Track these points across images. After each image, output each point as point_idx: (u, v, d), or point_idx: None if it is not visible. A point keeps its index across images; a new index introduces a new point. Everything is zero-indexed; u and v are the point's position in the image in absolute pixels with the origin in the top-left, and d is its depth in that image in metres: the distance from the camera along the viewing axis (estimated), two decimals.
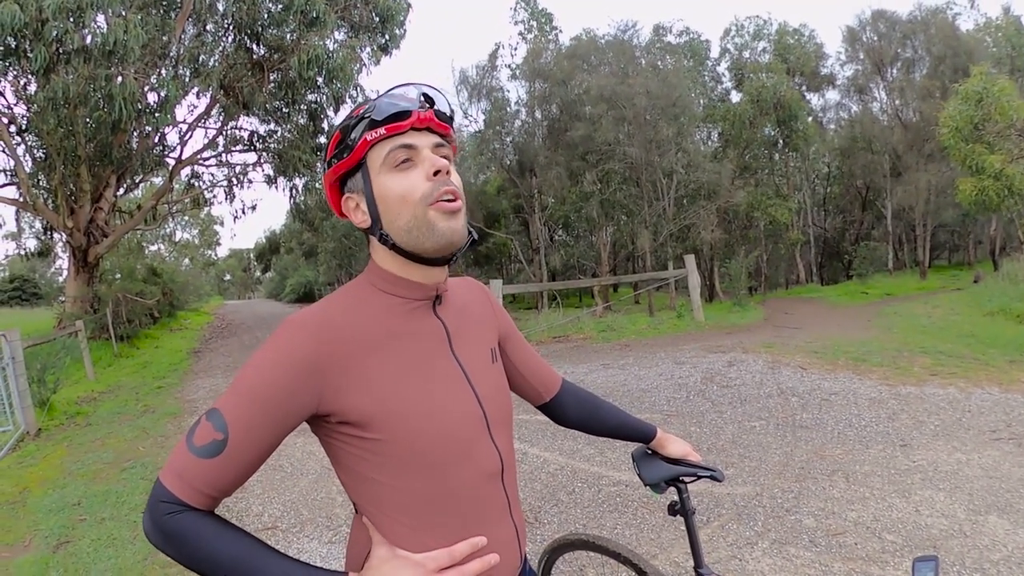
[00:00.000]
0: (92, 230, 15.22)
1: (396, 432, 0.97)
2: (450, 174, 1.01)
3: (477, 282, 1.30)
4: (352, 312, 1.01)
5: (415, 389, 1.00)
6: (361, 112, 1.01)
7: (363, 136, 1.00)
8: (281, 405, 0.93)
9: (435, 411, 1.01)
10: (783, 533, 3.43)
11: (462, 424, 1.04)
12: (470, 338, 1.13)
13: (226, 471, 0.93)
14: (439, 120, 1.03)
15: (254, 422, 0.92)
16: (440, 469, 1.00)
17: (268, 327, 19.54)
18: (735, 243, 25.78)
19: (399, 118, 0.99)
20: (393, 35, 16.89)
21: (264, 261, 56.30)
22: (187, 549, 0.91)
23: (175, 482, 0.92)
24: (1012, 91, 14.75)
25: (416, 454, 0.98)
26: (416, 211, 0.98)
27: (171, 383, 10.33)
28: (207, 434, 0.92)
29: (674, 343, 10.65)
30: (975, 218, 26.19)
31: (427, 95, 1.03)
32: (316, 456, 5.64)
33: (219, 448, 0.91)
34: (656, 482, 1.51)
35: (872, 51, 27.16)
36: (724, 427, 5.51)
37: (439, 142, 1.03)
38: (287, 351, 0.94)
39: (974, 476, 4.01)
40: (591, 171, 20.58)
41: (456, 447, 1.02)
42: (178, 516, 0.91)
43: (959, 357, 7.59)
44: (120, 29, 10.52)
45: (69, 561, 3.77)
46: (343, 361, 0.96)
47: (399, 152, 0.99)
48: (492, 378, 1.14)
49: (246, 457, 0.93)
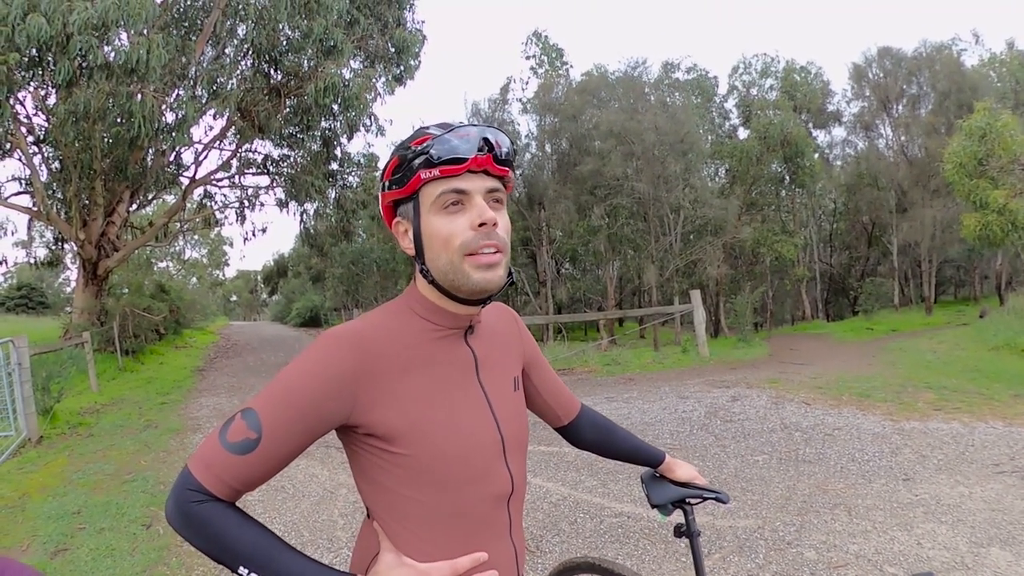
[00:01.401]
0: (103, 243, 15.35)
1: (419, 449, 1.02)
2: (496, 226, 1.02)
3: (508, 308, 1.33)
4: (388, 332, 1.05)
5: (440, 411, 1.04)
6: (421, 146, 1.01)
7: (417, 172, 1.01)
8: (313, 413, 0.97)
9: (457, 434, 1.05)
10: (784, 566, 3.42)
11: (480, 448, 1.08)
12: (496, 366, 1.17)
13: (254, 468, 0.97)
14: (497, 164, 1.03)
15: (286, 426, 0.96)
16: (454, 488, 1.05)
17: (273, 349, 19.57)
18: (741, 279, 25.82)
19: (455, 163, 1.00)
20: (408, 66, 17.12)
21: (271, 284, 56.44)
22: (207, 536, 0.94)
23: (204, 472, 0.96)
24: (1015, 126, 14.82)
25: (434, 472, 1.03)
26: (454, 258, 1.01)
27: (175, 400, 10.33)
28: (240, 432, 0.96)
29: (678, 378, 10.62)
30: (981, 253, 26.19)
31: (488, 139, 1.02)
32: (319, 479, 5.63)
33: (251, 446, 0.95)
34: (663, 503, 1.56)
35: (878, 88, 27.43)
36: (727, 461, 5.50)
37: (493, 186, 1.04)
38: (323, 363, 0.98)
39: (977, 509, 3.99)
40: (599, 205, 20.71)
41: (472, 469, 1.06)
42: (203, 505, 0.95)
43: (963, 392, 7.57)
44: (143, 48, 10.72)
45: (67, 568, 3.77)
46: (375, 377, 1.00)
47: (450, 195, 1.01)
48: (512, 405, 1.18)
49: (275, 457, 0.98)
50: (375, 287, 34.93)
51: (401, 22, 16.92)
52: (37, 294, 40.45)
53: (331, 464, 6.10)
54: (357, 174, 18.72)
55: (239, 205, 18.89)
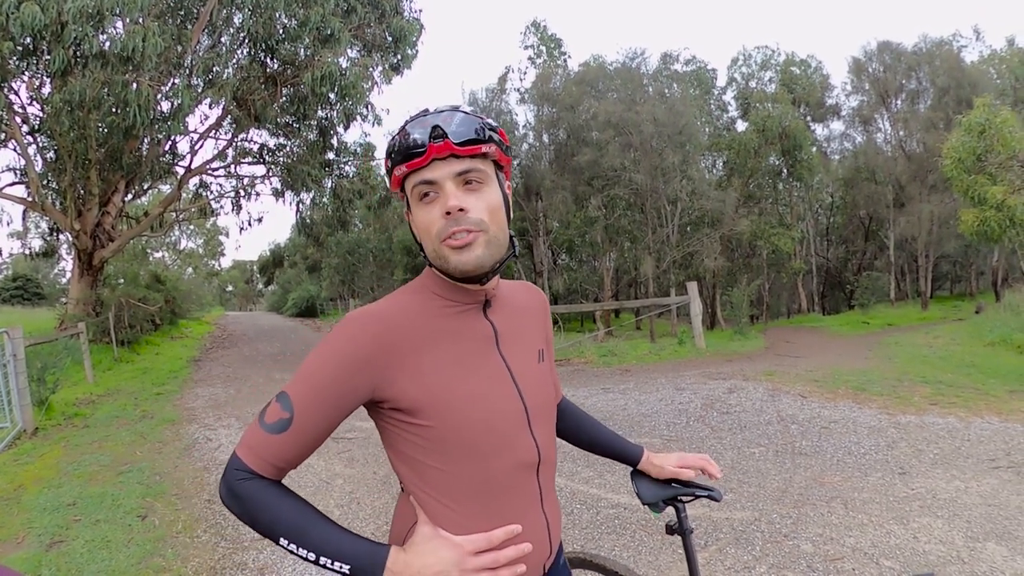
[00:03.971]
0: (98, 233, 15.28)
1: (443, 420, 1.06)
2: (465, 210, 1.03)
3: (538, 290, 1.38)
4: (408, 311, 1.10)
5: (462, 382, 1.08)
6: (392, 143, 1.08)
7: (394, 170, 1.08)
8: (339, 389, 1.03)
9: (479, 404, 1.09)
10: (781, 558, 3.42)
11: (504, 417, 1.12)
12: (518, 338, 1.21)
13: (291, 446, 1.04)
14: (459, 147, 1.03)
15: (316, 405, 1.03)
16: (481, 457, 1.09)
17: (269, 339, 19.55)
18: (737, 271, 25.84)
19: (415, 156, 1.04)
20: (405, 55, 17.03)
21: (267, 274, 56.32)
22: (251, 509, 1.03)
23: (247, 454, 1.05)
24: (1015, 123, 14.81)
25: (460, 442, 1.07)
26: (434, 244, 1.06)
27: (170, 390, 10.31)
28: (276, 413, 1.04)
29: (675, 369, 10.63)
30: (977, 249, 26.25)
31: (438, 125, 1.03)
32: (314, 469, 5.63)
33: (285, 425, 1.03)
34: (654, 502, 1.51)
35: (877, 82, 27.41)
36: (724, 453, 5.50)
37: (462, 169, 1.05)
38: (346, 342, 1.04)
39: (972, 504, 4.00)
40: (596, 196, 20.68)
41: (497, 438, 1.10)
42: (247, 482, 1.04)
43: (959, 387, 7.58)
44: (138, 36, 10.64)
45: (62, 560, 3.76)
46: (397, 354, 1.05)
47: (421, 187, 1.06)
48: (537, 376, 1.22)
49: (309, 434, 1.05)
50: (371, 277, 34.87)
51: (399, 10, 16.80)
52: (33, 285, 40.27)
53: (326, 454, 6.10)
54: (353, 163, 18.60)
55: (235, 195, 18.78)
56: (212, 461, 6.01)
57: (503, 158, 1.12)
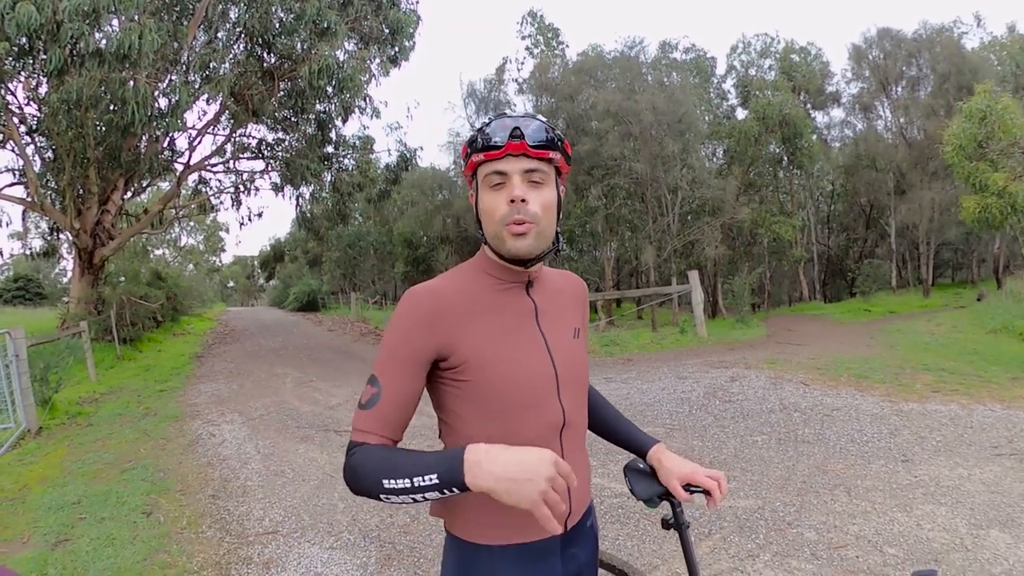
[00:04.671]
0: (98, 232, 15.26)
1: (481, 376, 1.21)
2: (526, 202, 1.20)
3: (577, 277, 1.52)
4: (458, 285, 1.27)
5: (502, 346, 1.24)
6: (475, 134, 1.25)
7: (471, 157, 1.25)
8: (412, 349, 1.19)
9: (514, 364, 1.23)
10: (785, 546, 3.43)
11: (535, 380, 1.26)
12: (556, 316, 1.35)
13: (387, 413, 1.18)
14: (532, 148, 1.20)
15: (397, 368, 1.19)
16: (510, 412, 1.23)
17: (271, 334, 19.54)
18: (739, 259, 25.84)
19: (494, 148, 1.21)
20: (403, 47, 16.96)
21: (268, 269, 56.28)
22: (359, 476, 1.13)
23: (354, 435, 1.19)
24: (1016, 109, 14.76)
25: (494, 396, 1.22)
26: (496, 227, 1.22)
27: (173, 387, 10.32)
28: (368, 392, 1.20)
29: (677, 358, 10.64)
30: (979, 236, 26.20)
31: (518, 127, 1.20)
32: (318, 463, 5.65)
33: (376, 397, 1.18)
34: (649, 497, 1.47)
35: (877, 69, 27.30)
36: (726, 441, 5.51)
37: (530, 167, 1.21)
38: (411, 308, 1.21)
39: (976, 491, 4.00)
40: (596, 186, 20.64)
41: (527, 397, 1.24)
42: (354, 455, 1.15)
43: (961, 374, 7.58)
44: (134, 33, 10.58)
45: (68, 559, 3.77)
46: (452, 318, 1.21)
47: (493, 176, 1.22)
48: (570, 349, 1.35)
49: (398, 399, 1.19)
50: (372, 270, 34.90)
51: (395, 2, 16.69)
52: (34, 285, 40.27)
53: (330, 448, 6.11)
54: (353, 156, 18.55)
55: (234, 190, 18.76)
56: (215, 457, 6.02)
57: (564, 166, 1.31)
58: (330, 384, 10.04)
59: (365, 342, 17.21)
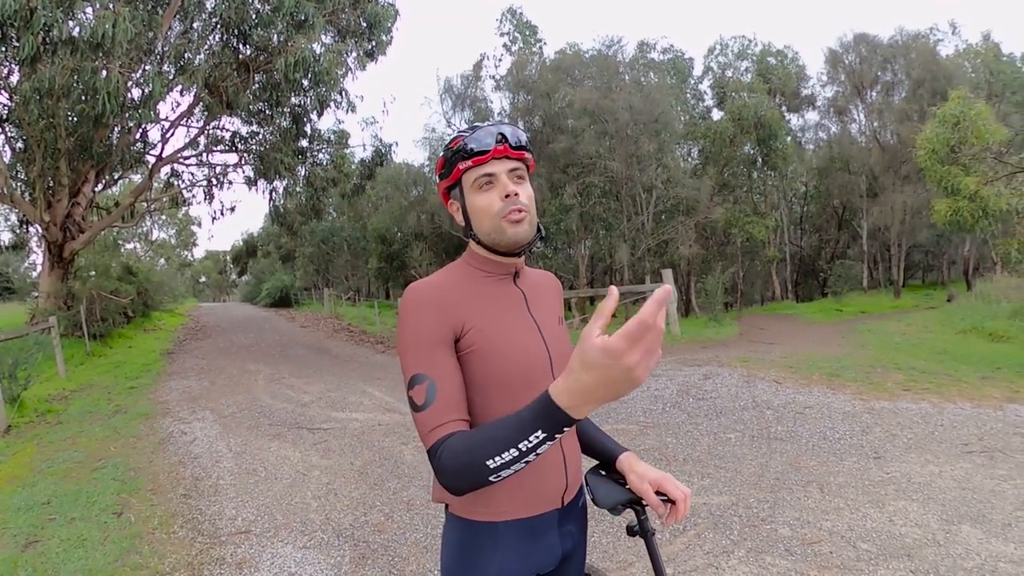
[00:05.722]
0: (69, 225, 14.93)
1: (487, 357, 1.29)
2: (519, 195, 1.33)
3: (553, 275, 1.61)
4: (454, 279, 1.36)
5: (503, 330, 1.33)
6: (457, 145, 1.35)
7: (457, 165, 1.35)
8: (438, 336, 1.26)
9: (515, 346, 1.33)
10: (759, 542, 3.46)
11: (533, 359, 1.35)
12: (542, 305, 1.46)
13: (450, 397, 1.22)
14: (513, 150, 1.34)
15: (435, 356, 1.24)
16: (511, 393, 1.29)
17: (243, 330, 19.30)
18: (712, 259, 26.04)
19: (482, 154, 1.32)
20: (380, 41, 16.79)
21: (240, 264, 55.67)
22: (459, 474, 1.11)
23: (429, 437, 1.18)
24: (989, 115, 15.06)
25: (497, 378, 1.29)
26: (494, 221, 1.33)
27: (144, 384, 10.15)
28: (420, 392, 1.21)
29: None
30: (949, 239, 26.71)
31: (503, 133, 1.33)
32: (290, 461, 5.59)
33: (433, 391, 1.21)
34: (612, 506, 1.45)
35: (853, 74, 27.71)
36: (700, 438, 5.55)
37: (513, 167, 1.35)
38: (420, 301, 1.28)
39: (947, 488, 4.08)
40: (572, 184, 20.67)
41: (526, 376, 1.32)
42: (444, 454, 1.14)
43: (932, 373, 7.71)
44: (108, 22, 10.36)
45: (38, 561, 3.69)
46: (455, 306, 1.30)
47: (483, 179, 1.34)
48: (558, 334, 1.46)
49: (453, 380, 1.24)
50: (346, 266, 34.57)
51: None
52: (3, 280, 39.30)
53: (303, 446, 6.06)
54: (327, 151, 18.36)
55: (207, 183, 18.42)
56: (187, 455, 5.93)
57: (533, 164, 1.44)
58: (303, 381, 9.95)
59: (338, 338, 17.06)
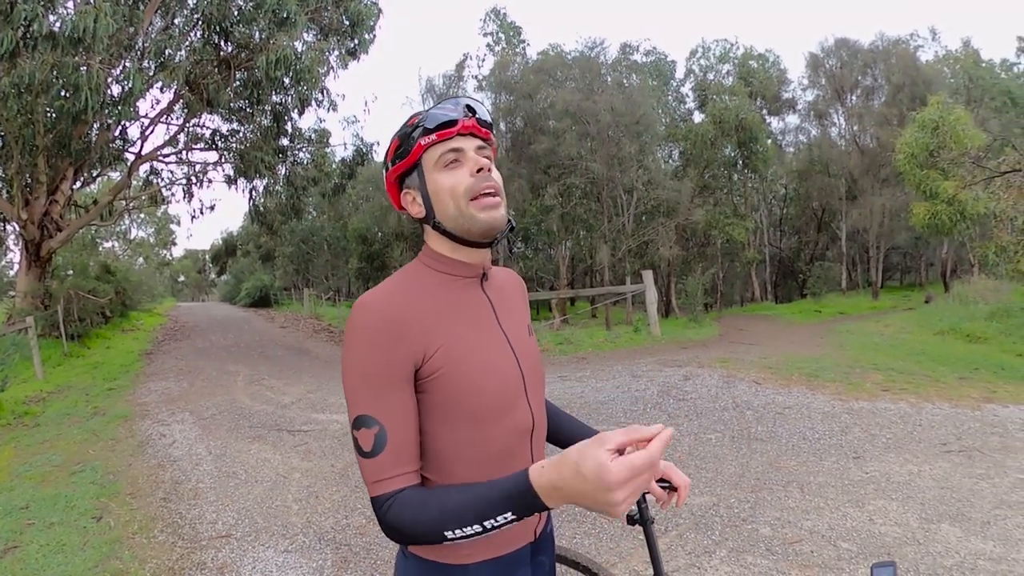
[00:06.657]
0: (46, 223, 14.70)
1: (456, 384, 1.10)
2: (491, 171, 1.18)
3: (517, 275, 1.45)
4: (411, 288, 1.15)
5: (471, 349, 1.14)
6: (416, 122, 1.19)
7: (418, 141, 1.17)
8: (392, 371, 1.05)
9: (487, 369, 1.15)
10: (740, 542, 3.49)
11: (506, 382, 1.18)
12: (511, 313, 1.29)
13: (401, 449, 1.05)
14: (480, 127, 1.20)
15: (387, 398, 1.05)
16: (482, 421, 1.13)
17: (223, 330, 19.12)
18: (692, 260, 26.24)
19: (448, 126, 1.16)
20: (363, 40, 16.71)
21: (220, 263, 55.01)
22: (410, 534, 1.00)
23: (376, 488, 1.04)
24: (967, 120, 15.31)
25: (466, 406, 1.11)
26: (461, 203, 1.15)
27: (122, 385, 10.03)
28: (366, 436, 1.04)
29: (631, 357, 10.73)
30: (927, 241, 27.06)
31: (470, 106, 1.20)
32: (271, 463, 5.56)
33: (384, 438, 1.04)
34: None
35: (833, 78, 28.00)
36: (681, 439, 5.58)
37: (481, 145, 1.20)
38: (371, 328, 1.06)
39: (926, 487, 4.14)
40: (553, 185, 20.74)
41: (499, 402, 1.16)
42: (391, 509, 1.02)
43: (910, 374, 7.81)
44: (90, 17, 10.21)
45: (17, 567, 3.65)
46: (416, 323, 1.09)
47: (448, 154, 1.16)
48: (529, 347, 1.29)
49: (406, 428, 1.06)
50: (326, 265, 34.38)
51: None
52: None
53: (283, 448, 6.02)
54: (308, 150, 18.25)
55: (186, 182, 18.22)
56: (166, 458, 5.87)
57: (495, 150, 1.26)
58: (283, 382, 9.88)
59: (318, 339, 16.97)
